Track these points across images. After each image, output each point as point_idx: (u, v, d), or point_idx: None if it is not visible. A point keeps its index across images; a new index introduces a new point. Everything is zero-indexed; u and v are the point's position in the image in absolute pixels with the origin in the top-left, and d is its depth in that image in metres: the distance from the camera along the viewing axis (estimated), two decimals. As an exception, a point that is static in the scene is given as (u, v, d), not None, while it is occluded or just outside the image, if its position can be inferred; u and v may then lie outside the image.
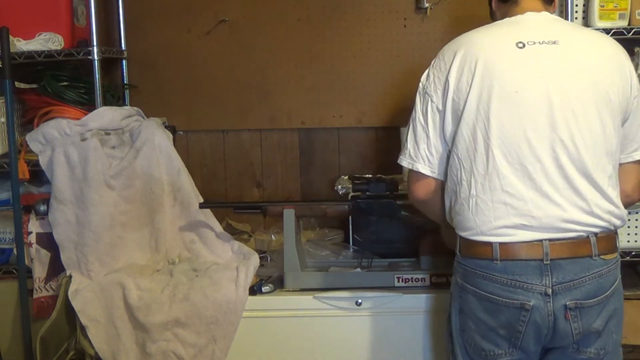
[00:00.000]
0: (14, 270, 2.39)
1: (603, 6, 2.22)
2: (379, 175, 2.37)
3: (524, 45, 1.62)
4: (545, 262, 1.58)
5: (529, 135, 1.58)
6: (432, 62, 1.72)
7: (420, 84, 1.72)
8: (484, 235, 1.61)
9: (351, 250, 2.37)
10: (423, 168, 1.71)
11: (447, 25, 2.66)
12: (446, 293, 2.08)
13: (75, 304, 2.17)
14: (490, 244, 1.60)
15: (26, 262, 2.35)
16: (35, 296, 2.33)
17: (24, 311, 2.33)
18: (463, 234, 1.65)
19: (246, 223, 2.74)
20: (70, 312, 2.19)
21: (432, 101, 1.68)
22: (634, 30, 2.21)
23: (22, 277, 2.33)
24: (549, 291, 1.57)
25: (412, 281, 2.14)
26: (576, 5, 2.26)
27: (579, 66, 1.62)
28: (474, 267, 1.63)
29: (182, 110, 2.79)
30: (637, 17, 2.24)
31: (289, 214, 2.17)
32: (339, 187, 2.43)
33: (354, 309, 2.11)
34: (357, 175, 2.55)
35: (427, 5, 2.64)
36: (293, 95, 2.75)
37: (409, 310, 2.10)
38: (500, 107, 1.59)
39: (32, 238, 2.35)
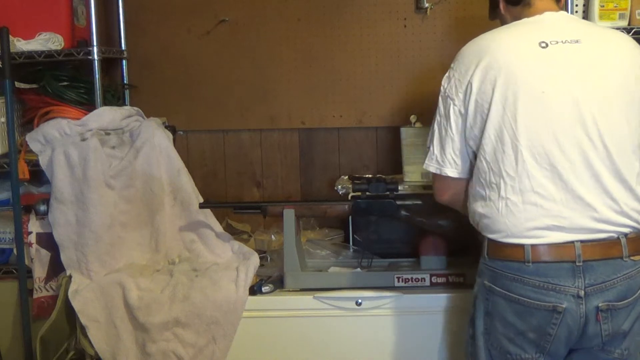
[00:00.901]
0: (14, 270, 2.38)
1: (603, 6, 2.22)
2: (379, 175, 2.37)
3: (547, 45, 1.62)
4: (577, 264, 1.57)
5: (558, 135, 1.58)
6: (452, 64, 1.72)
7: (442, 88, 1.72)
8: (515, 237, 1.60)
9: (351, 250, 2.37)
10: (451, 172, 1.72)
11: (447, 25, 2.66)
12: (445, 293, 2.10)
13: (75, 304, 2.17)
14: (521, 246, 1.59)
15: (26, 262, 2.35)
16: (35, 296, 2.33)
17: (24, 311, 2.33)
18: (492, 236, 1.64)
19: (246, 223, 2.74)
20: (70, 312, 2.19)
21: (454, 104, 1.68)
22: (634, 30, 2.21)
23: (22, 277, 2.33)
24: (582, 293, 1.56)
25: (412, 281, 2.13)
26: (576, 5, 2.26)
27: (602, 64, 1.62)
28: (504, 269, 1.62)
29: (182, 110, 2.79)
30: (637, 17, 2.24)
31: (289, 214, 2.17)
32: (339, 187, 2.43)
33: (354, 309, 2.11)
34: (357, 175, 2.55)
35: (427, 5, 2.64)
36: (293, 95, 2.75)
37: (409, 310, 2.10)
38: (527, 108, 1.59)
39: (32, 238, 2.35)
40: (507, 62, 1.61)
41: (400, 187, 2.26)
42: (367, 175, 2.59)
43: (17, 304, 2.37)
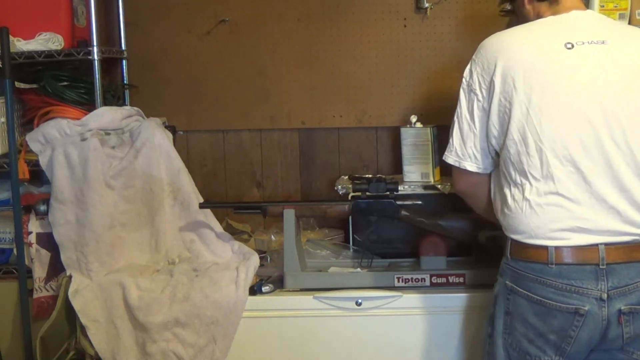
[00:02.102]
0: (14, 270, 2.38)
1: (603, 6, 2.22)
2: (379, 175, 2.37)
3: (572, 46, 1.61)
4: (601, 267, 1.56)
5: (583, 137, 1.57)
6: (474, 57, 1.70)
7: (464, 80, 1.71)
8: (539, 238, 1.59)
9: (351, 250, 2.37)
10: (470, 165, 1.73)
11: (447, 25, 2.66)
12: (445, 293, 2.10)
13: (75, 304, 2.17)
14: (545, 247, 1.58)
15: (26, 262, 2.35)
16: (35, 296, 2.33)
17: (24, 311, 2.33)
18: (515, 237, 1.64)
19: (246, 223, 2.74)
20: (70, 312, 2.19)
21: (478, 100, 1.67)
22: (634, 30, 2.21)
23: (22, 277, 2.33)
24: (604, 296, 1.56)
25: (412, 281, 2.13)
26: (576, 5, 2.26)
27: (629, 65, 1.62)
28: (527, 270, 1.61)
29: (182, 110, 2.79)
30: (637, 17, 2.24)
31: (289, 214, 2.17)
32: (339, 187, 2.43)
33: (354, 309, 2.11)
34: (357, 175, 2.55)
35: (427, 5, 2.64)
36: (293, 95, 2.75)
37: (408, 310, 2.10)
38: (552, 110, 1.58)
39: (32, 238, 2.35)
40: (531, 63, 1.61)
41: (400, 187, 2.25)
42: (367, 175, 2.59)
43: (17, 304, 2.37)
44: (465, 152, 1.72)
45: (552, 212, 1.58)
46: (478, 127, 1.69)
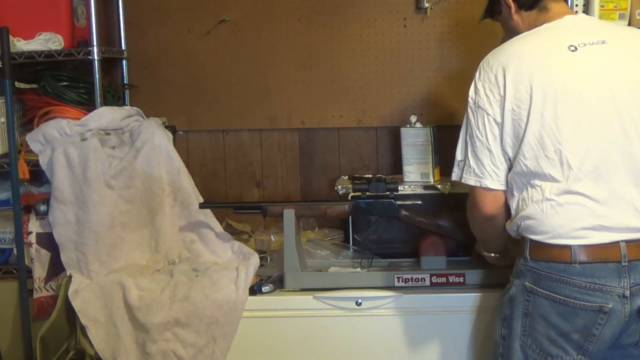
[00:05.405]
0: (14, 270, 2.38)
1: (603, 6, 2.23)
2: (379, 175, 2.37)
3: (576, 49, 1.64)
4: (623, 264, 1.58)
5: (599, 136, 1.60)
6: (477, 75, 1.71)
7: (470, 99, 1.71)
8: (561, 238, 1.60)
9: (351, 250, 2.37)
10: (492, 183, 1.70)
11: (447, 25, 2.66)
12: (445, 293, 2.10)
13: (75, 304, 2.17)
14: (568, 247, 1.59)
15: (26, 262, 2.35)
16: (35, 296, 2.33)
17: (24, 311, 2.33)
18: (536, 237, 1.64)
19: (246, 223, 2.74)
20: (70, 312, 2.19)
21: (487, 114, 1.67)
22: (634, 30, 2.21)
23: (22, 277, 2.33)
24: (627, 293, 1.57)
25: (412, 281, 2.13)
26: (576, 5, 2.27)
27: (631, 62, 1.65)
28: (549, 270, 1.62)
29: (182, 110, 2.79)
30: (637, 17, 2.25)
31: (289, 214, 2.17)
32: (339, 187, 2.43)
33: (354, 309, 2.11)
34: (357, 175, 2.55)
35: (427, 5, 2.64)
36: (293, 95, 2.75)
37: (408, 310, 2.10)
38: (567, 111, 1.60)
39: (32, 238, 2.35)
40: (540, 68, 1.62)
41: (400, 187, 2.25)
42: (367, 175, 2.59)
43: (17, 304, 2.37)
44: (484, 170, 1.69)
45: (574, 211, 1.60)
46: (492, 142, 1.68)
